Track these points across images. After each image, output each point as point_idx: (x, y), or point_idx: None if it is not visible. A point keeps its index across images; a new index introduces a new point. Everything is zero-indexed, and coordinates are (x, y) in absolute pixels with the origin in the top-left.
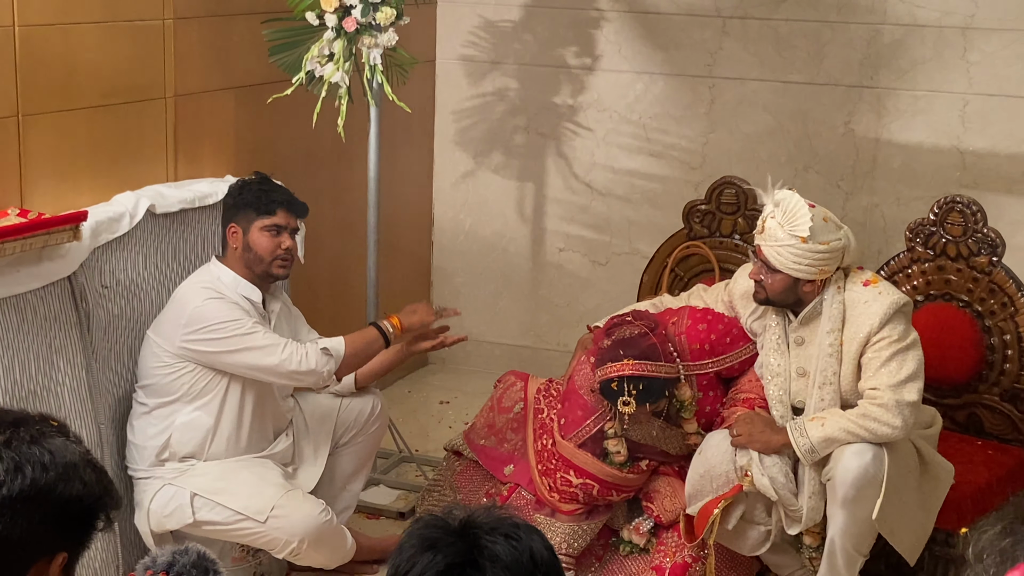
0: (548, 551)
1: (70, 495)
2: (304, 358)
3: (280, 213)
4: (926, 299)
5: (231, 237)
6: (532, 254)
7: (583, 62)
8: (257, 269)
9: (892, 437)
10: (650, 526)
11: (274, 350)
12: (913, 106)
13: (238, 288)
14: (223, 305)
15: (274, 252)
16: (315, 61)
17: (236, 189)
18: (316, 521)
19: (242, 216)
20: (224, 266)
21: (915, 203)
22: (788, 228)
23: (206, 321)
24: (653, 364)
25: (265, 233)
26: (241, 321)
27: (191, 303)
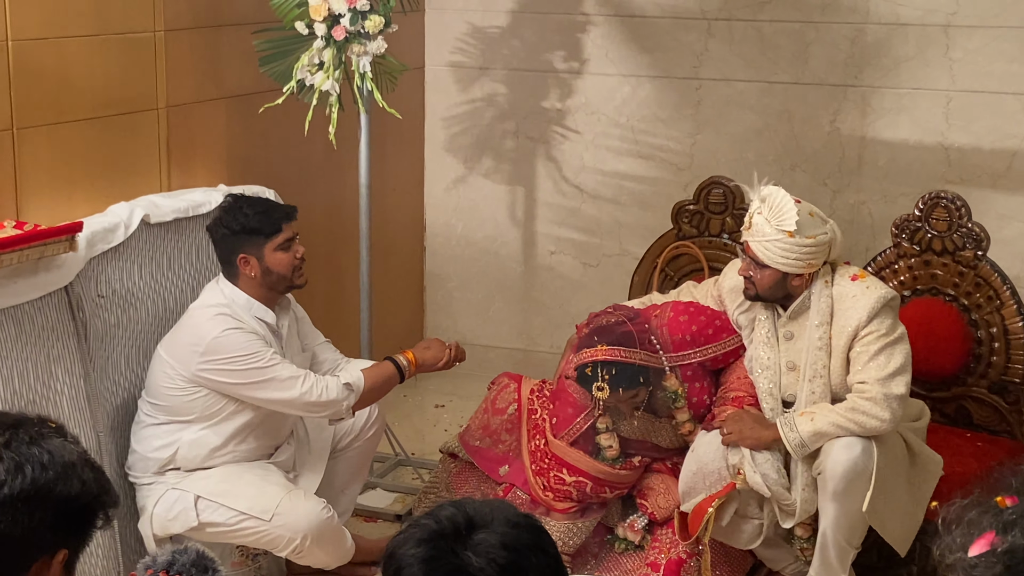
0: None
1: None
2: (325, 391)
3: (285, 227)
4: (913, 294)
5: (244, 267)
6: (524, 257)
7: (571, 66)
8: (281, 287)
9: (881, 430)
10: (644, 523)
11: (294, 383)
12: (897, 104)
13: (252, 310)
14: (242, 337)
15: (293, 264)
16: (305, 70)
17: (228, 218)
18: (319, 518)
19: (249, 244)
20: (236, 288)
21: (901, 199)
22: (775, 223)
23: (226, 353)
24: (626, 350)
25: (280, 251)
26: (261, 354)
27: (209, 332)
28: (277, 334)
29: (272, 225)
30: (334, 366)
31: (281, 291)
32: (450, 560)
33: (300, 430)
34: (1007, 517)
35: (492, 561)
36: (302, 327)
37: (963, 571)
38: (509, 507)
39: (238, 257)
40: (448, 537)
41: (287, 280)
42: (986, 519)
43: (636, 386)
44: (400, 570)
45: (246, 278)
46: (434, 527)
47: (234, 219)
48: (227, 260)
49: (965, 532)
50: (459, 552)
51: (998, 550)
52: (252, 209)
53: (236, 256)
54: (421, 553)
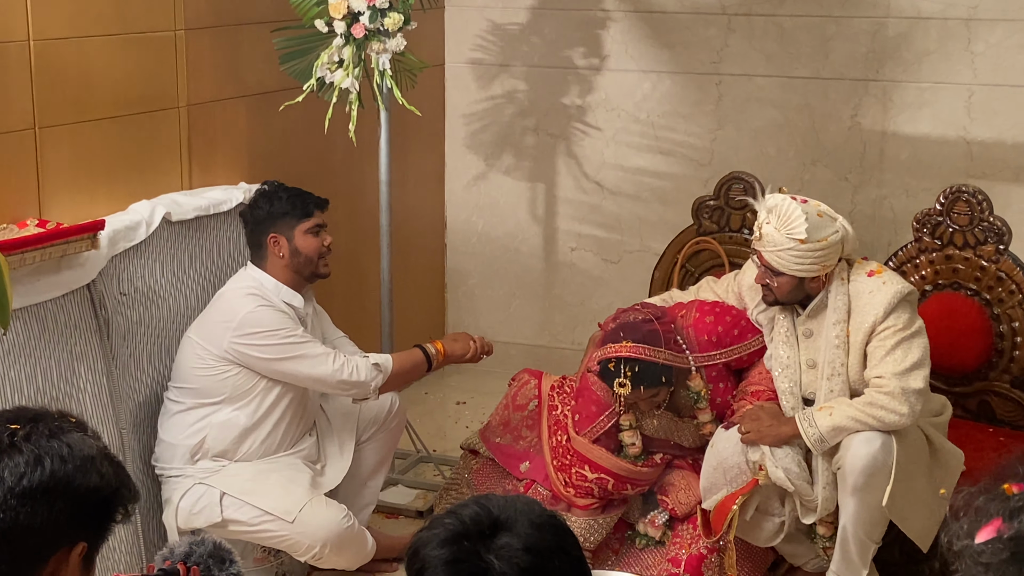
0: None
1: (88, 486)
2: (356, 370)
3: (317, 213)
4: (935, 288)
5: (273, 247)
6: (545, 254)
7: (591, 62)
8: (306, 272)
9: (899, 424)
10: (665, 519)
11: (326, 360)
12: (919, 98)
13: (280, 294)
14: (274, 313)
15: (320, 251)
16: (325, 68)
17: (264, 200)
18: (339, 527)
19: (282, 224)
20: (265, 272)
21: (923, 194)
22: (785, 232)
23: (260, 327)
24: (651, 349)
25: (309, 235)
26: (292, 329)
27: (243, 308)
28: (303, 321)
29: (305, 208)
30: None
31: (306, 276)
32: (473, 563)
33: (323, 420)
34: (1014, 504)
35: (515, 565)
36: (322, 322)
37: (970, 558)
38: (534, 505)
39: (268, 236)
40: (472, 538)
41: (313, 264)
42: (993, 506)
43: (658, 385)
44: (423, 570)
45: (274, 259)
46: (458, 527)
47: (269, 202)
48: (257, 242)
49: (972, 519)
50: (482, 555)
51: (1004, 536)
52: (287, 193)
53: (267, 236)
54: (444, 555)
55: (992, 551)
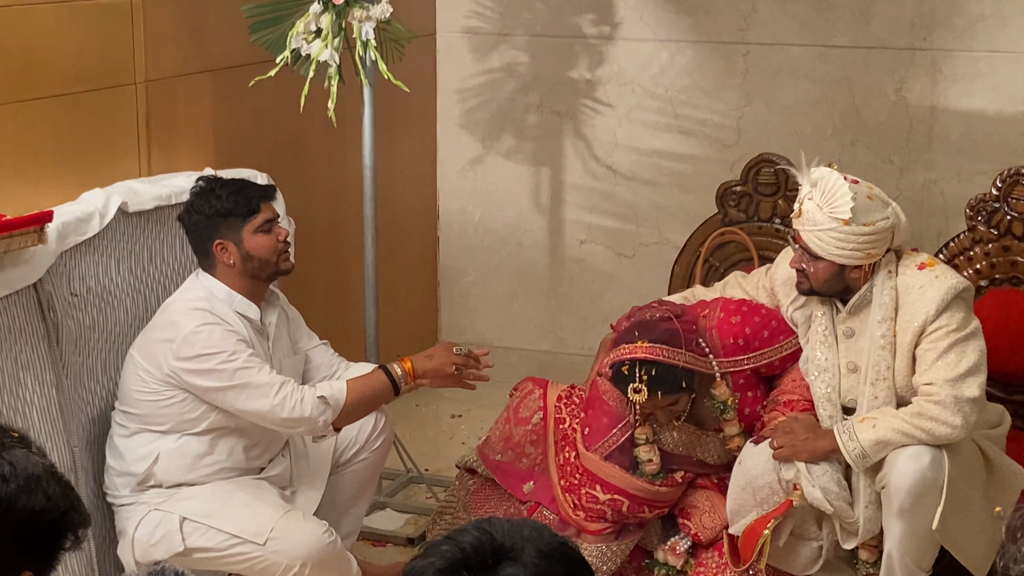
0: None
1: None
2: (299, 404)
3: (263, 207)
4: (991, 284)
5: (222, 254)
6: (550, 248)
7: (601, 31)
8: (264, 274)
9: (952, 438)
10: (687, 545)
11: (268, 391)
12: (972, 69)
13: (234, 304)
14: (219, 333)
15: (276, 248)
16: (301, 38)
17: (201, 201)
18: (319, 543)
19: (226, 228)
20: (216, 279)
21: (978, 178)
22: (828, 210)
23: (199, 350)
24: (670, 350)
25: (260, 234)
26: (237, 354)
27: (184, 327)
28: (262, 332)
29: (248, 205)
30: (330, 371)
31: (265, 279)
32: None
33: (298, 441)
34: None
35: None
36: (294, 329)
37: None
38: (543, 531)
39: (214, 244)
40: (472, 568)
41: (271, 265)
42: None
43: (678, 391)
44: None
45: (225, 267)
46: (456, 556)
47: (207, 202)
48: (202, 249)
49: None
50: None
51: None
52: (225, 190)
53: (212, 243)
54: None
55: None
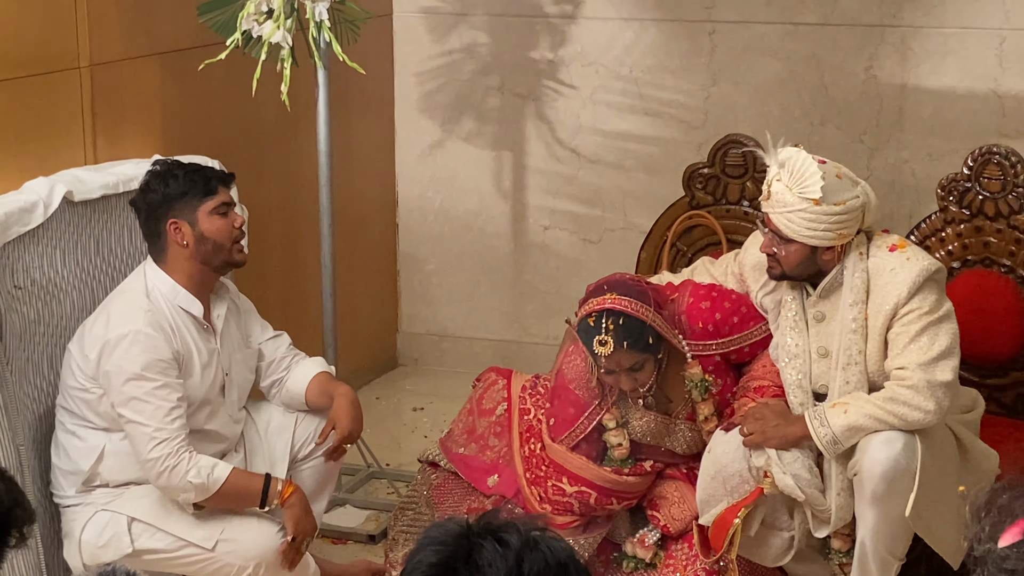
0: (551, 564)
1: None
2: (168, 472)
3: (221, 190)
4: (963, 265)
5: (175, 235)
6: (513, 234)
7: (563, 9)
8: (216, 261)
9: (925, 423)
10: (656, 538)
11: (147, 441)
12: (943, 46)
13: (176, 299)
14: (139, 349)
15: (232, 234)
16: (252, 19)
17: (158, 181)
18: (272, 544)
19: (181, 207)
20: (163, 272)
21: (949, 157)
22: (797, 190)
23: (113, 362)
24: (639, 304)
25: (215, 216)
26: (143, 382)
27: (117, 326)
28: (208, 328)
29: (207, 185)
30: (282, 366)
31: (216, 267)
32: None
33: (252, 435)
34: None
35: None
36: (246, 320)
37: (993, 564)
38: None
39: (168, 223)
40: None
41: (224, 251)
42: (1018, 505)
43: (644, 349)
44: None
45: (177, 250)
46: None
47: (163, 182)
48: (155, 231)
49: (995, 520)
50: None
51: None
52: (183, 171)
53: (165, 223)
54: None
55: (1018, 556)
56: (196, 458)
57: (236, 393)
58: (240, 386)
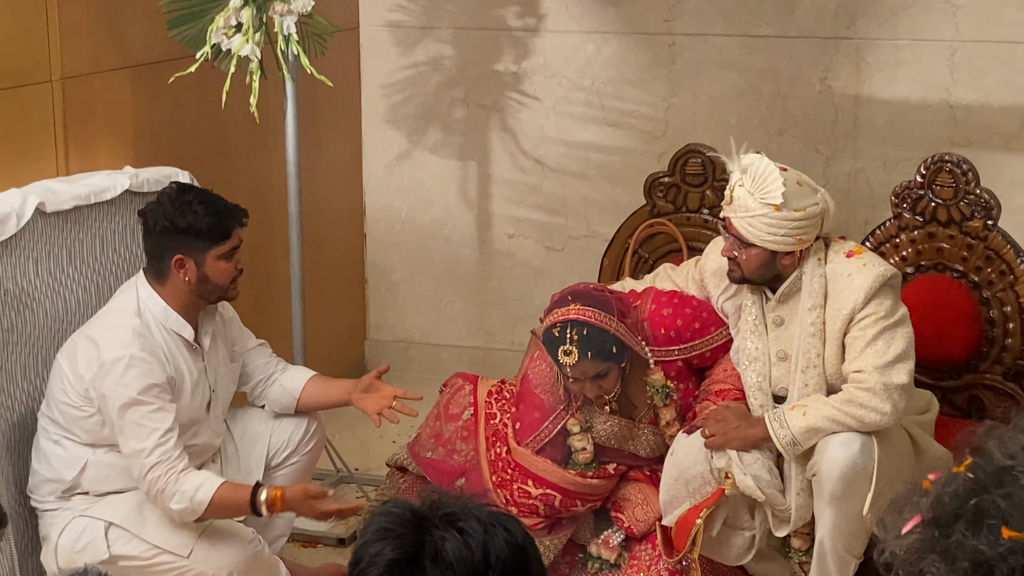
0: (513, 548)
1: None
2: (160, 494)
3: (234, 234)
4: (917, 271)
5: (178, 270)
6: (478, 242)
7: (526, 23)
8: (212, 298)
9: (881, 424)
10: (621, 539)
11: (142, 463)
12: (896, 57)
13: (168, 322)
14: (136, 373)
15: (232, 275)
16: (221, 33)
17: (173, 211)
18: (245, 552)
19: (192, 246)
20: (156, 293)
21: (903, 165)
22: (759, 196)
23: (108, 385)
24: (602, 315)
25: (222, 261)
26: (139, 407)
27: (111, 348)
28: (196, 350)
29: (223, 231)
30: (266, 374)
31: (211, 301)
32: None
33: (229, 446)
34: (933, 491)
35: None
36: (231, 330)
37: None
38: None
39: (174, 258)
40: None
41: (221, 291)
42: (911, 503)
43: (607, 358)
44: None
45: (176, 281)
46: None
47: (180, 214)
48: (158, 257)
49: (895, 517)
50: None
51: (925, 520)
52: (204, 208)
53: (171, 256)
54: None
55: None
56: (181, 481)
57: (220, 407)
58: (224, 400)
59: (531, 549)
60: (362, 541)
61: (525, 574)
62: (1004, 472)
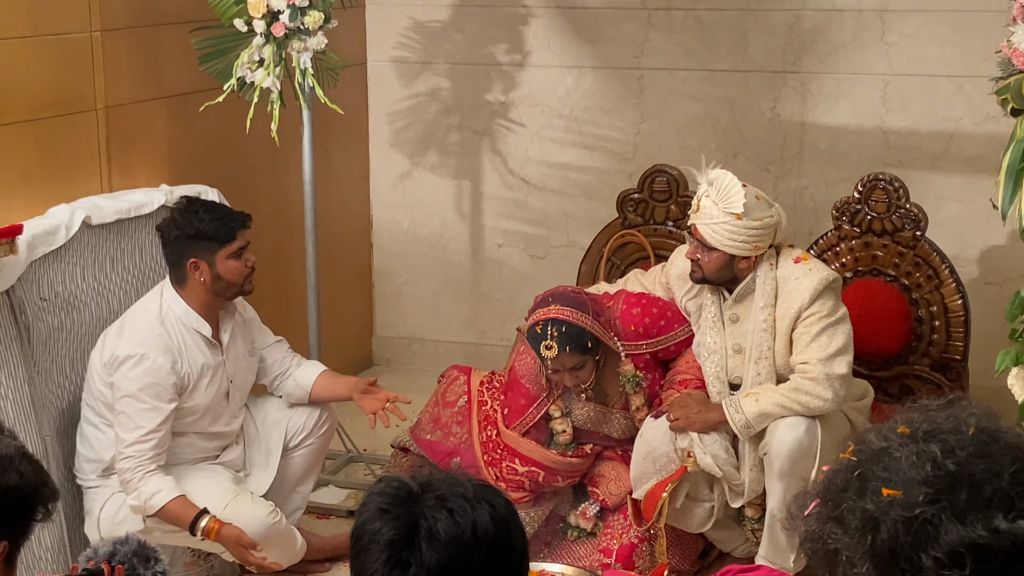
0: (496, 522)
1: (7, 486)
2: (125, 485)
3: (240, 235)
4: (855, 275)
5: (194, 272)
6: (472, 251)
7: (513, 59)
8: (229, 294)
9: (824, 409)
10: (596, 510)
11: (120, 451)
12: (836, 89)
13: (188, 321)
14: (141, 371)
15: (244, 273)
16: (245, 67)
17: (182, 221)
18: (265, 523)
19: (202, 250)
20: (179, 296)
21: (842, 183)
22: (723, 206)
23: (117, 376)
24: (579, 313)
25: (232, 260)
26: (134, 400)
27: (125, 347)
28: (215, 346)
29: (227, 232)
30: (282, 369)
31: (228, 298)
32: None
33: (251, 428)
34: (826, 478)
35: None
36: (251, 328)
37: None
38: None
39: (188, 261)
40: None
41: (236, 287)
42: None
43: (584, 352)
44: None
45: (194, 283)
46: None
47: (188, 222)
48: (176, 263)
49: (799, 507)
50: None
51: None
52: (209, 215)
53: (186, 260)
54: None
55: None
56: (144, 481)
57: (239, 396)
58: (242, 390)
59: (513, 521)
60: (361, 519)
61: (508, 544)
62: (881, 452)
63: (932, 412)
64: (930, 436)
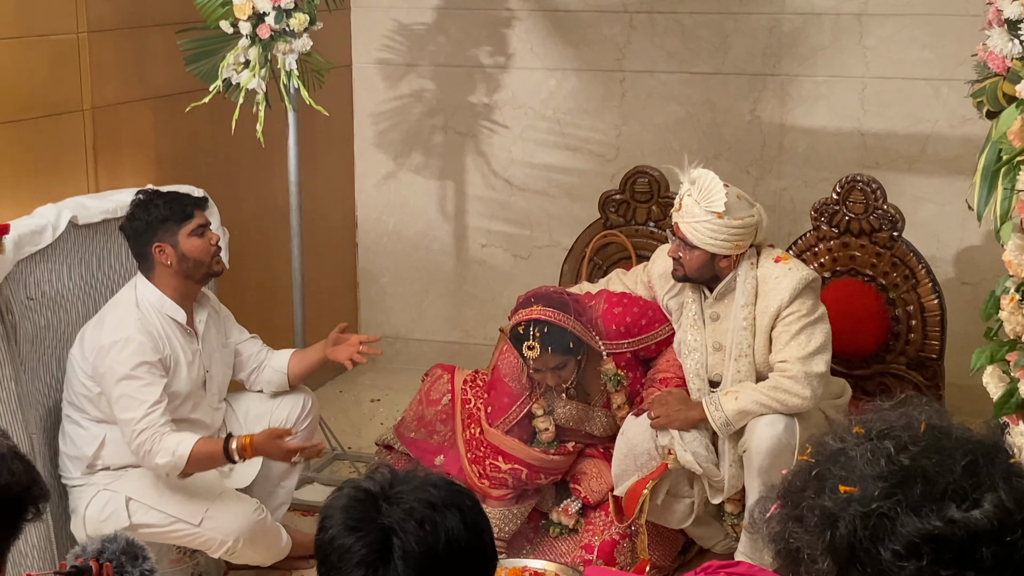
0: (468, 527)
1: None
2: (147, 456)
3: (197, 213)
4: (833, 275)
5: (160, 256)
6: (455, 251)
7: (497, 61)
8: (198, 274)
9: (802, 407)
10: (578, 507)
11: (129, 430)
12: (815, 92)
13: (163, 308)
14: (129, 351)
15: (209, 250)
16: (231, 69)
17: (141, 210)
18: (250, 520)
19: (163, 232)
20: (151, 284)
21: (821, 184)
22: (705, 204)
23: (107, 364)
24: (561, 314)
25: (193, 237)
26: (130, 380)
27: (109, 334)
28: (190, 333)
29: (183, 211)
30: (258, 362)
31: (199, 279)
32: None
33: (233, 423)
34: (785, 480)
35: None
36: (226, 325)
37: (766, 537)
38: (432, 475)
39: (153, 246)
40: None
41: (204, 266)
42: (770, 496)
43: (565, 352)
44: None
45: (162, 268)
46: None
47: (146, 211)
48: (142, 253)
49: (761, 511)
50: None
51: (782, 500)
52: (163, 199)
53: (151, 246)
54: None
55: (777, 519)
56: (164, 440)
57: (216, 386)
58: (219, 380)
59: (483, 520)
60: (327, 534)
61: (479, 545)
62: (838, 452)
63: (885, 412)
64: (884, 434)
